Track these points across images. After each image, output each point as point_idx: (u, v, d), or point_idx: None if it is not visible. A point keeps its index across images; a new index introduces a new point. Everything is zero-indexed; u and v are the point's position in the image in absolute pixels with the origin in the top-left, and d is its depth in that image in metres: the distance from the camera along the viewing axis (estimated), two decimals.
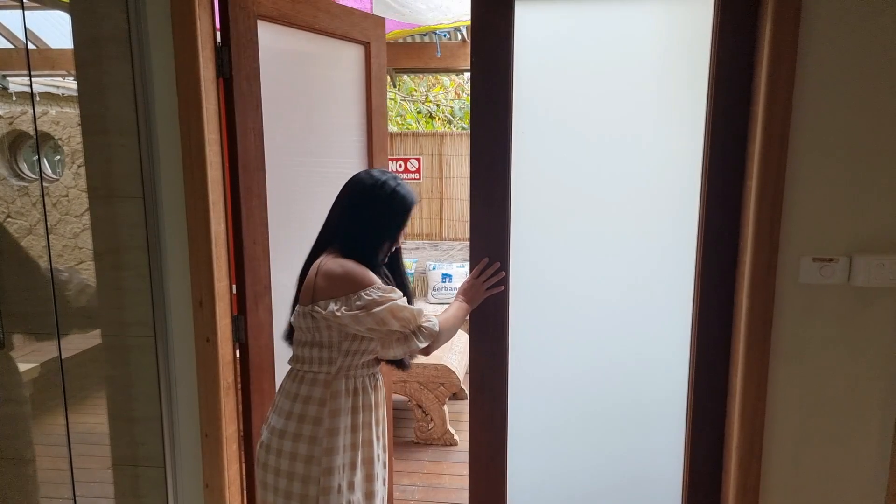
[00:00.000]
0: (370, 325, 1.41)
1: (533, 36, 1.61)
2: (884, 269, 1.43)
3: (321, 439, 1.45)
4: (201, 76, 1.61)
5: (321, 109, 2.12)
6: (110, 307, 1.70)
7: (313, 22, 2.00)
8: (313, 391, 1.48)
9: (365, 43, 2.24)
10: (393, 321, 1.42)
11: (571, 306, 1.73)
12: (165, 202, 1.66)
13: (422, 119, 7.26)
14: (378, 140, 2.30)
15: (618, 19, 1.59)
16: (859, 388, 1.51)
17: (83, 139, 1.64)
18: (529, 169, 1.66)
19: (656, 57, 1.60)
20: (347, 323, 1.41)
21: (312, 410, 1.47)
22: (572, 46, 1.61)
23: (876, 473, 1.53)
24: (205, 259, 1.67)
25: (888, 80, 1.39)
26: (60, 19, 1.67)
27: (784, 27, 1.39)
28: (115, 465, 1.76)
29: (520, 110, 1.63)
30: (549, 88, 1.64)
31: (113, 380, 1.73)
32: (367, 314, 1.40)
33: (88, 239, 1.71)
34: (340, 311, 1.41)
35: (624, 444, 1.77)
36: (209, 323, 1.69)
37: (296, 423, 1.46)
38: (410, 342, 1.46)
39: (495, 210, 1.67)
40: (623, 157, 1.64)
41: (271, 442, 1.48)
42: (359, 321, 1.41)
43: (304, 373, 1.50)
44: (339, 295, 1.42)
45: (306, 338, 1.50)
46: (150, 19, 1.59)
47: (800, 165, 1.44)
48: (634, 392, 1.75)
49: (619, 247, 1.68)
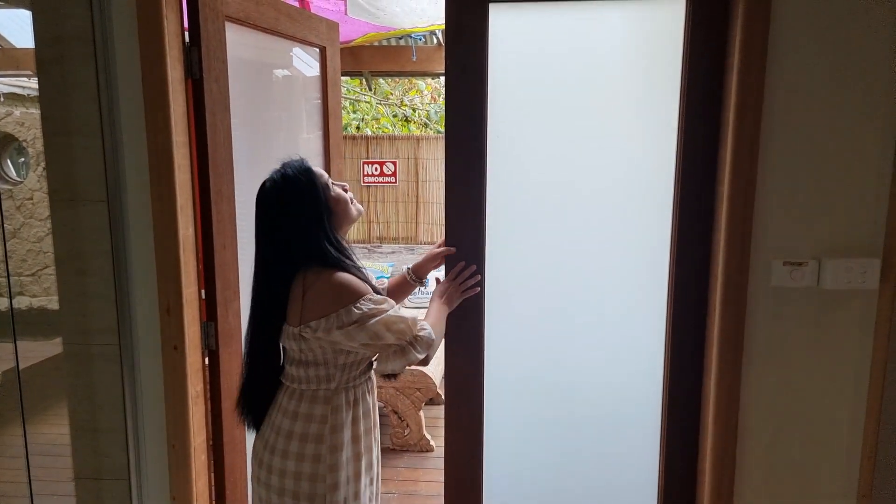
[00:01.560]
0: (364, 341, 1.36)
1: (507, 38, 1.60)
2: (851, 272, 1.45)
3: (325, 457, 1.41)
4: (168, 76, 1.57)
5: (283, 111, 2.12)
6: (73, 314, 1.64)
7: (275, 24, 1.99)
8: (314, 409, 1.42)
9: (321, 47, 2.25)
10: (388, 334, 1.36)
11: (546, 309, 1.72)
12: (131, 206, 1.62)
13: (398, 123, 7.24)
14: (335, 143, 2.32)
15: (591, 20, 1.59)
16: (830, 390, 1.53)
17: (44, 140, 1.58)
18: (505, 171, 1.65)
19: (629, 58, 1.61)
20: (339, 340, 1.36)
21: (314, 429, 1.42)
22: (546, 48, 1.61)
23: (847, 474, 1.55)
24: (172, 264, 1.63)
25: (854, 85, 1.41)
26: (25, 18, 1.62)
27: (753, 34, 1.41)
28: (77, 479, 1.70)
29: (494, 113, 1.62)
30: (524, 90, 1.63)
31: (75, 389, 1.67)
32: (360, 329, 1.35)
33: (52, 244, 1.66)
34: (332, 330, 1.35)
35: (599, 448, 1.77)
36: (177, 330, 1.65)
37: (297, 442, 1.41)
38: (408, 354, 1.39)
39: (471, 212, 1.66)
40: (598, 159, 1.64)
41: (273, 462, 1.43)
42: (351, 337, 1.35)
43: (303, 391, 1.44)
44: (330, 312, 1.35)
45: (299, 357, 1.43)
46: (116, 18, 1.55)
47: (770, 170, 1.46)
48: (610, 396, 1.75)
49: (595, 250, 1.68)
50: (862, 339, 1.50)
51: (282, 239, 1.41)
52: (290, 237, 1.40)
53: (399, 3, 3.33)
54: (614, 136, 1.63)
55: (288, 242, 1.40)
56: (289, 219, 1.40)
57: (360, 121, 7.21)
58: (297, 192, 1.40)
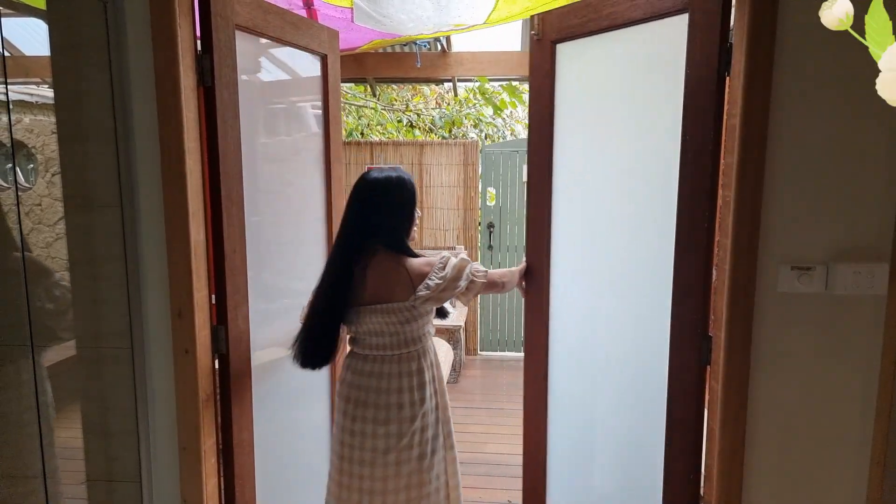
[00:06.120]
0: (461, 288, 1.71)
1: (567, 68, 1.94)
2: (860, 276, 1.45)
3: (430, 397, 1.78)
4: (181, 84, 1.59)
5: (285, 118, 2.17)
6: (86, 318, 1.66)
7: (281, 33, 2.02)
8: (411, 365, 1.75)
9: (323, 55, 2.28)
10: (467, 277, 1.73)
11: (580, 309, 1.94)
12: (143, 211, 1.63)
13: (402, 128, 7.26)
14: (335, 149, 2.36)
15: (619, 46, 1.80)
16: (839, 395, 1.53)
17: (59, 147, 1.60)
18: (567, 178, 1.97)
19: (652, 75, 1.72)
20: (446, 289, 1.69)
21: (415, 381, 1.75)
22: (593, 72, 1.89)
23: (856, 480, 1.55)
24: (184, 269, 1.64)
25: (861, 90, 1.42)
26: (35, 26, 1.65)
27: (759, 38, 1.42)
28: (90, 481, 1.71)
29: (560, 130, 1.96)
30: (581, 110, 1.92)
31: (87, 392, 1.68)
32: (456, 282, 1.71)
33: (62, 249, 1.68)
34: (436, 287, 1.68)
35: (617, 457, 1.78)
36: (188, 334, 1.66)
37: (413, 393, 1.74)
38: (475, 286, 1.76)
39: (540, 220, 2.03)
40: (632, 163, 1.79)
41: (402, 428, 1.71)
42: (454, 283, 1.70)
43: (399, 355, 1.73)
44: (433, 277, 1.69)
45: (396, 329, 1.71)
46: (130, 26, 1.57)
47: (777, 176, 1.47)
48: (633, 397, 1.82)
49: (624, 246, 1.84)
50: (870, 344, 1.50)
51: (376, 222, 1.72)
52: (382, 223, 1.73)
53: (405, 11, 3.35)
54: (648, 146, 1.73)
55: (378, 226, 1.73)
56: (391, 209, 1.73)
57: (366, 126, 7.24)
58: (405, 193, 1.75)
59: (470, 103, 6.72)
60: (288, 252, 2.17)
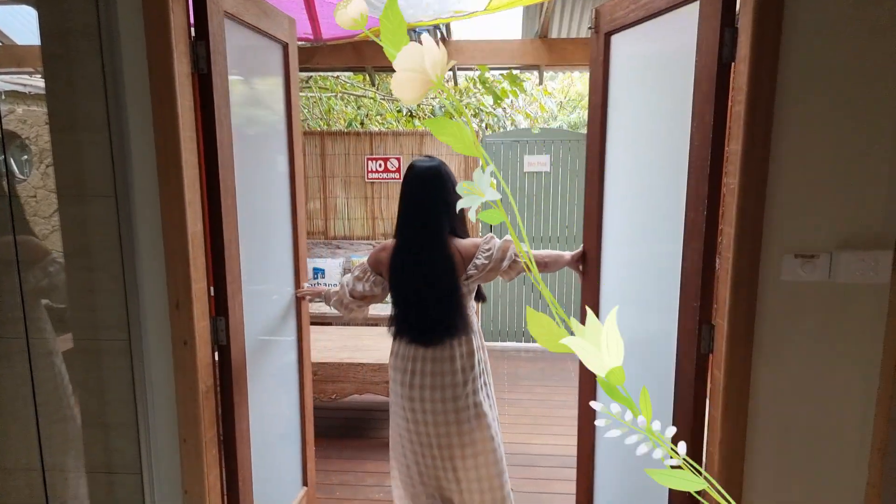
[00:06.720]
0: (504, 268, 1.88)
1: (617, 60, 1.98)
2: (864, 265, 1.44)
3: (481, 372, 1.99)
4: (175, 71, 1.56)
5: (260, 106, 2.18)
6: (82, 309, 1.64)
7: (257, 21, 2.01)
8: (462, 348, 1.93)
9: (284, 43, 2.26)
10: (510, 257, 1.88)
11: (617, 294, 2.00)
12: (138, 201, 1.61)
13: (402, 118, 7.20)
14: (296, 138, 2.37)
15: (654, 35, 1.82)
16: (841, 383, 1.52)
17: (52, 137, 1.58)
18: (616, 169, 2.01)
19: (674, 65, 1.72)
20: (492, 269, 1.87)
21: (472, 361, 1.95)
22: (635, 64, 1.92)
23: (857, 466, 1.55)
24: (182, 260, 1.63)
25: (867, 77, 1.40)
26: (27, 14, 1.62)
27: (766, 24, 1.40)
28: (89, 472, 1.70)
29: (612, 117, 2.01)
30: (626, 102, 1.96)
31: (86, 384, 1.67)
32: (501, 261, 1.87)
33: (58, 241, 1.65)
34: (482, 267, 1.86)
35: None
36: (186, 325, 1.65)
37: (470, 370, 1.94)
38: (517, 266, 1.90)
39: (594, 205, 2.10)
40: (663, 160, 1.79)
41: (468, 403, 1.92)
42: (500, 264, 1.87)
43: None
44: (479, 257, 1.88)
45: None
46: (122, 12, 1.54)
47: (781, 163, 1.45)
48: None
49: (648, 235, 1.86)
50: (873, 332, 1.49)
51: (451, 203, 1.90)
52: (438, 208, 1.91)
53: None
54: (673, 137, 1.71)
55: (454, 209, 1.90)
56: (445, 194, 1.91)
57: (364, 116, 7.19)
58: (452, 180, 1.96)
59: (470, 93, 6.67)
60: (260, 239, 2.16)
